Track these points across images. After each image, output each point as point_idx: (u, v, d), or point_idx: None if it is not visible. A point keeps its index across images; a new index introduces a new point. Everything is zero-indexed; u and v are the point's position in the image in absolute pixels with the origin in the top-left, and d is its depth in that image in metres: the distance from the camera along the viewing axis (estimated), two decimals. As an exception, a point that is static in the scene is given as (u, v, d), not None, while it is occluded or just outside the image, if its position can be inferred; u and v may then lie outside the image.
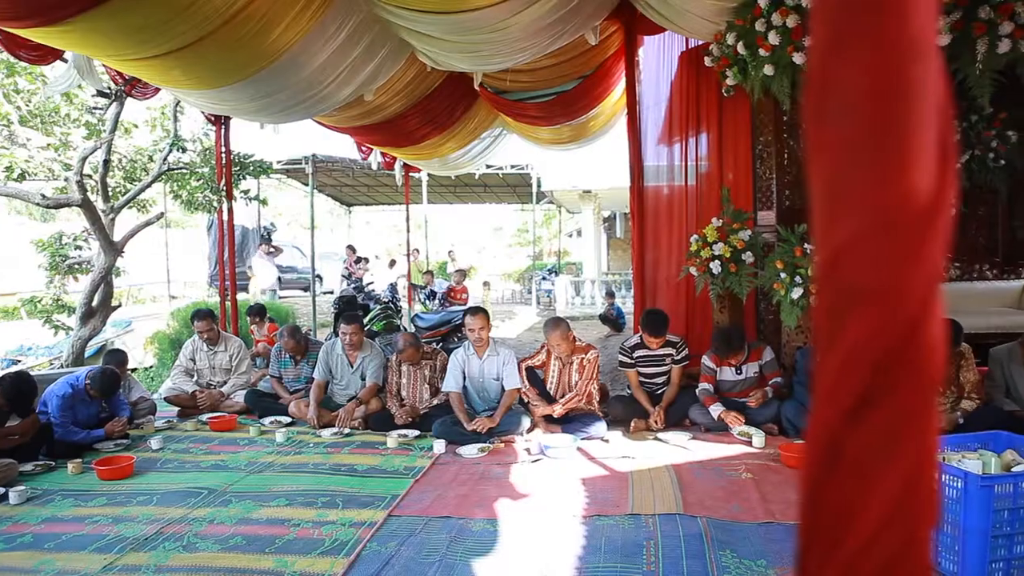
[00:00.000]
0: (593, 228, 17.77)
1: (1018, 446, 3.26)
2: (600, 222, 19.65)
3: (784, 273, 5.14)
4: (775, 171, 5.83)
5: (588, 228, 17.81)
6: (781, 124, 5.86)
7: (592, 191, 16.19)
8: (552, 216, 26.94)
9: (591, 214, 17.33)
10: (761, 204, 5.89)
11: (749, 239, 5.49)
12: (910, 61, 0.42)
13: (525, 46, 5.77)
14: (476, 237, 38.63)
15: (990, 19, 4.78)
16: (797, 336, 5.30)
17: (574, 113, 8.18)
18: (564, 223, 25.99)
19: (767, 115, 5.82)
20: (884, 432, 0.44)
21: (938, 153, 0.43)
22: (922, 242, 0.43)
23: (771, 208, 5.83)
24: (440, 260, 20.97)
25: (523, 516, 3.59)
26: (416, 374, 5.59)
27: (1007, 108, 6.37)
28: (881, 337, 0.43)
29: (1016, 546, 2.77)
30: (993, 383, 4.94)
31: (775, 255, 5.30)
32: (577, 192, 16.33)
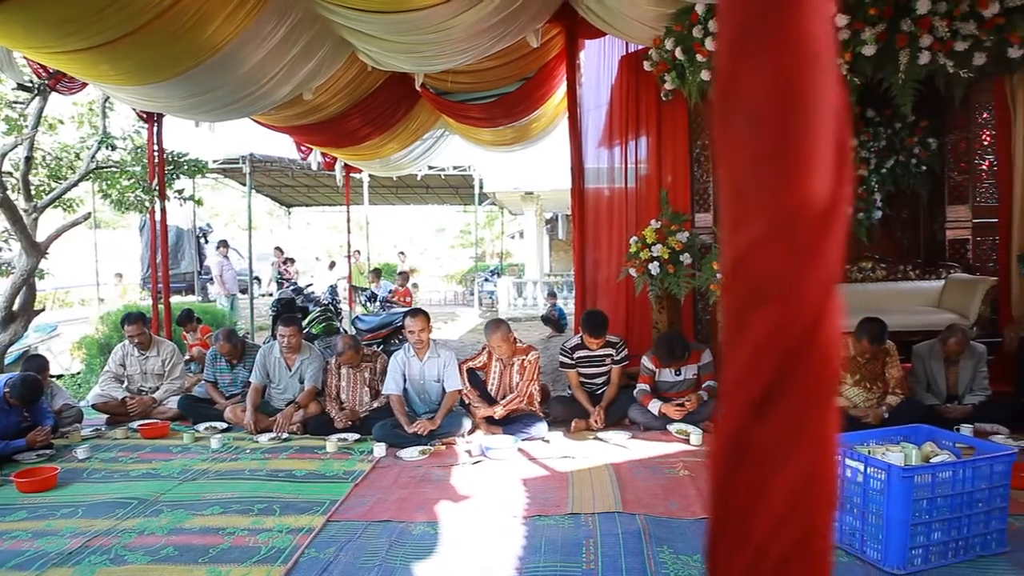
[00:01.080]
0: (535, 230, 17.86)
1: (937, 438, 3.42)
2: (542, 224, 19.76)
3: (721, 274, 5.25)
4: (710, 172, 5.97)
5: (530, 230, 17.89)
6: (718, 129, 5.99)
7: (534, 193, 16.27)
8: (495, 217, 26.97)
9: (533, 216, 17.41)
10: (699, 206, 6.03)
11: (687, 240, 5.61)
12: (808, 67, 0.44)
13: (467, 47, 5.77)
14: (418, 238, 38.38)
15: (911, 31, 4.99)
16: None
17: (516, 115, 8.22)
18: (506, 224, 26.06)
19: (705, 119, 5.96)
20: (785, 426, 0.46)
21: (835, 157, 0.45)
22: (820, 244, 0.45)
23: (708, 210, 5.97)
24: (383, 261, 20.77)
25: (464, 518, 3.59)
26: (356, 377, 5.52)
27: (928, 116, 6.68)
28: (782, 335, 0.45)
29: (933, 533, 2.90)
30: (916, 379, 5.16)
31: (712, 256, 5.43)
32: (519, 194, 16.39)
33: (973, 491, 2.98)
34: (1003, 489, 3.07)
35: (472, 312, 16.98)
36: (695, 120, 6.03)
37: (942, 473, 2.94)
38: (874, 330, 4.70)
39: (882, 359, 4.88)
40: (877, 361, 4.88)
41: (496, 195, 17.17)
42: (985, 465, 3.01)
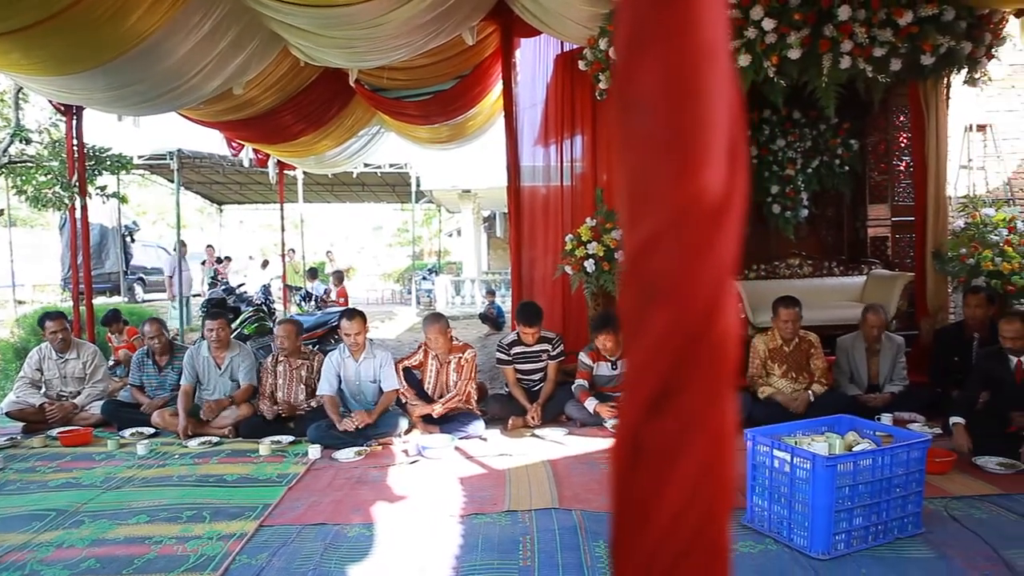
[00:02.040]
0: (473, 228, 17.86)
1: (859, 428, 3.57)
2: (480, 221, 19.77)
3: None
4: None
5: (468, 228, 17.88)
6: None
7: (471, 191, 16.26)
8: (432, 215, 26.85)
9: (471, 214, 17.40)
10: (632, 205, 6.11)
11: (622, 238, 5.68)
12: (702, 63, 0.45)
13: (401, 43, 5.72)
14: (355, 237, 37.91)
15: (834, 37, 5.18)
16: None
17: (452, 112, 8.19)
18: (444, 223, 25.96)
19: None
20: (681, 423, 0.46)
21: (729, 152, 0.46)
22: (713, 239, 0.45)
23: (641, 209, 6.04)
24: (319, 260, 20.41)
25: (400, 518, 3.56)
26: (292, 374, 5.40)
27: (850, 119, 6.94)
28: (676, 332, 0.46)
29: (855, 518, 3.02)
30: (840, 370, 5.37)
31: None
32: (456, 192, 16.35)
33: (891, 477, 3.12)
34: (919, 474, 3.22)
35: (409, 311, 16.85)
36: (629, 120, 6.11)
37: (863, 461, 3.06)
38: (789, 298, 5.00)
39: (806, 350, 5.06)
40: (801, 351, 5.05)
41: (433, 193, 17.08)
42: (902, 452, 3.15)
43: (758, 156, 7.01)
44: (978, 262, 5.61)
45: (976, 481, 3.86)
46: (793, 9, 5.13)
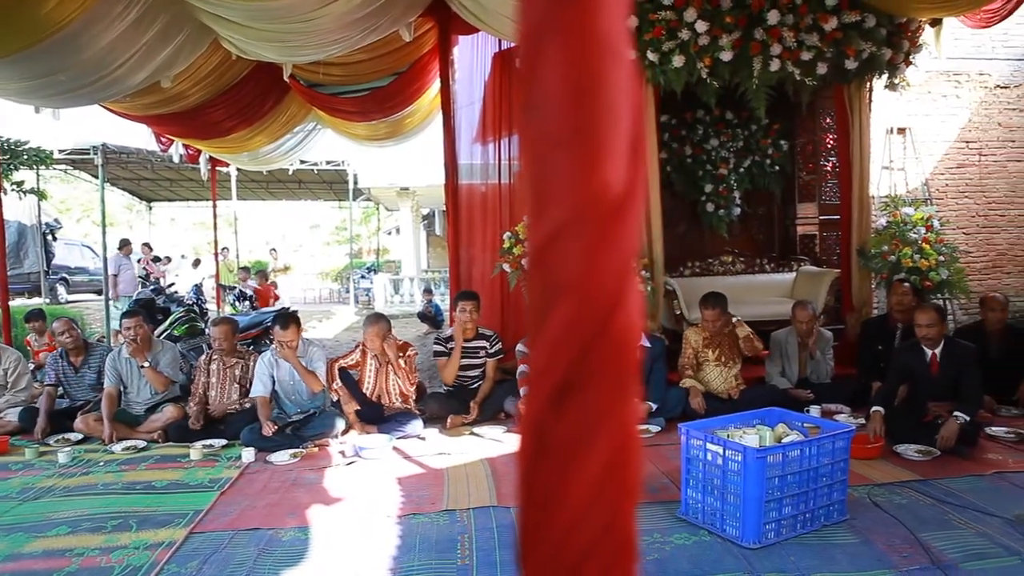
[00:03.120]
0: (412, 226, 17.71)
1: (788, 420, 3.68)
2: (419, 220, 19.63)
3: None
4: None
5: (406, 226, 17.73)
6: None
7: (410, 188, 16.12)
8: (371, 214, 26.51)
9: (410, 212, 17.25)
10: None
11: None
12: (603, 59, 0.45)
13: (336, 38, 5.62)
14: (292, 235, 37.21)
15: (764, 40, 5.33)
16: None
17: (389, 109, 8.09)
18: (383, 221, 25.68)
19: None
20: (582, 419, 0.47)
21: (630, 149, 0.46)
22: (614, 234, 0.46)
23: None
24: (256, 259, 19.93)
25: (336, 520, 3.50)
26: (226, 373, 5.25)
27: (780, 120, 7.15)
28: (577, 327, 0.46)
29: (784, 507, 3.12)
30: (772, 364, 5.53)
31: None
32: (395, 189, 16.19)
33: (818, 467, 3.23)
34: (843, 463, 3.34)
35: (348, 310, 16.63)
36: (566, 118, 6.15)
37: (791, 452, 3.16)
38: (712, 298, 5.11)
39: (732, 332, 5.20)
40: (731, 335, 5.18)
41: (371, 191, 16.87)
42: (828, 442, 3.27)
43: (692, 155, 7.16)
44: (899, 259, 5.85)
45: (897, 468, 4.03)
46: (725, 12, 5.26)
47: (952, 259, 6.04)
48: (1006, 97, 9.04)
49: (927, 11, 5.53)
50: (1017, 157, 9.11)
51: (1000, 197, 9.13)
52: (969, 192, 9.05)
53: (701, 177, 7.16)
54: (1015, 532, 3.13)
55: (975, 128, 8.99)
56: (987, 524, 3.22)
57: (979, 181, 9.05)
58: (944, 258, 5.96)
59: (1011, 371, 5.29)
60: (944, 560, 2.87)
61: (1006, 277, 9.18)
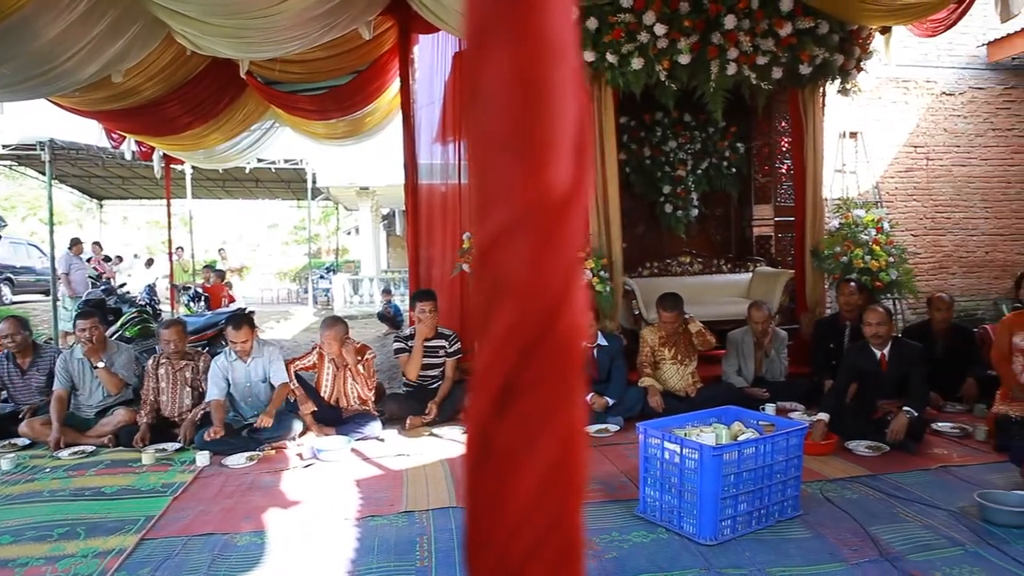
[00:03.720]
0: (371, 225, 17.56)
1: (744, 418, 3.74)
2: (379, 219, 19.48)
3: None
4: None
5: (366, 225, 17.56)
6: (547, 128, 6.17)
7: (370, 188, 15.98)
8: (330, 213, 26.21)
9: (369, 211, 17.10)
10: (530, 204, 6.17)
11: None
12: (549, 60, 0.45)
13: (294, 35, 5.54)
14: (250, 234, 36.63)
15: (721, 44, 5.41)
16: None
17: (348, 108, 8.00)
18: (342, 220, 25.42)
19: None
20: (526, 422, 0.47)
21: (575, 150, 0.46)
22: (560, 235, 0.46)
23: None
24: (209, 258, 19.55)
25: (293, 524, 3.45)
26: (176, 377, 5.12)
27: (736, 123, 7.26)
28: (522, 327, 0.46)
29: (740, 504, 3.17)
30: (728, 363, 5.62)
31: (542, 252, 5.58)
32: (354, 189, 16.03)
33: (772, 464, 3.29)
34: (797, 460, 3.41)
35: (306, 310, 16.42)
36: (527, 119, 6.16)
37: (747, 449, 3.21)
38: (669, 300, 5.18)
39: (686, 329, 5.28)
40: (686, 333, 5.25)
41: (330, 190, 16.69)
42: (782, 439, 3.33)
43: (651, 157, 7.23)
44: (850, 260, 6.00)
45: (848, 464, 4.13)
46: (683, 16, 5.33)
47: (901, 260, 6.21)
48: (951, 104, 9.34)
49: (877, 19, 5.68)
50: (961, 162, 9.42)
51: (946, 200, 9.42)
52: (917, 195, 9.33)
53: (660, 178, 7.24)
54: (958, 524, 3.23)
55: (922, 133, 9.27)
56: (933, 516, 3.32)
57: (926, 185, 9.33)
58: (894, 259, 6.13)
59: (956, 369, 5.47)
60: (892, 552, 2.95)
61: (951, 278, 9.48)
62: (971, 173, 9.46)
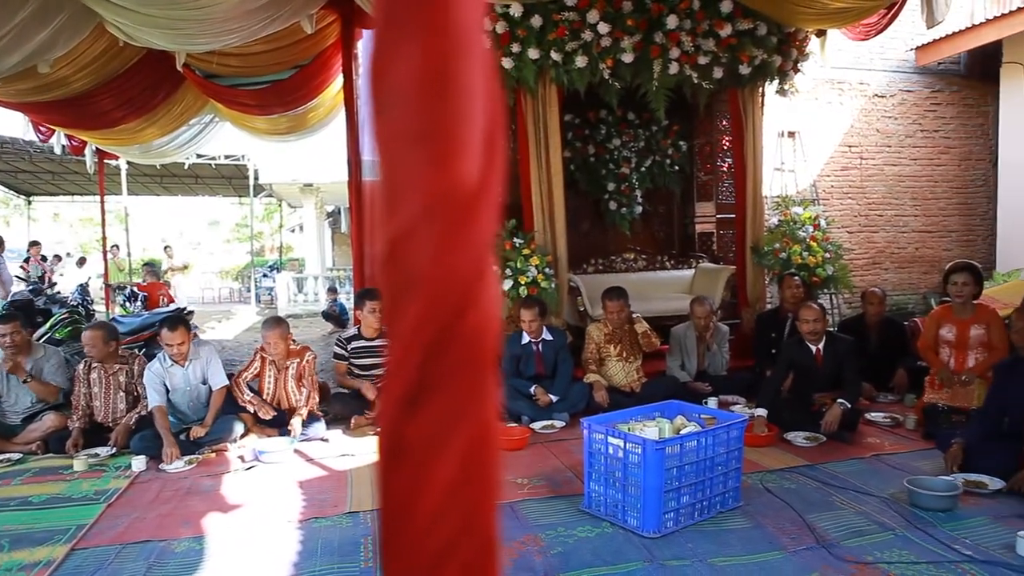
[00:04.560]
0: (316, 223, 17.27)
1: (686, 412, 3.80)
2: (323, 217, 19.18)
3: (495, 266, 5.43)
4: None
5: (310, 223, 17.25)
6: (493, 125, 6.17)
7: (314, 185, 15.71)
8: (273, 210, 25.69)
9: (313, 208, 16.81)
10: (475, 200, 6.16)
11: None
12: (457, 53, 0.44)
13: (234, 27, 5.39)
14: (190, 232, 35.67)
15: (663, 44, 5.49)
16: (508, 325, 5.63)
17: (291, 103, 7.85)
18: (286, 218, 24.96)
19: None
20: (437, 420, 0.46)
21: (485, 144, 0.45)
22: (468, 230, 0.45)
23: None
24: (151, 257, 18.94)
25: (234, 528, 3.37)
26: (109, 381, 4.92)
27: (679, 121, 7.38)
28: (431, 324, 0.45)
29: (682, 497, 3.22)
30: (672, 357, 5.71)
31: (487, 248, 5.58)
32: (298, 186, 15.73)
33: (714, 456, 3.35)
34: (738, 452, 3.48)
35: (249, 309, 16.08)
36: (472, 116, 6.15)
37: (689, 443, 3.26)
38: (614, 291, 5.24)
39: (632, 328, 5.33)
40: (631, 332, 5.31)
41: (273, 187, 16.35)
42: (723, 432, 3.40)
43: (595, 155, 7.29)
44: (789, 256, 6.17)
45: (787, 455, 4.24)
46: (626, 15, 5.38)
47: (837, 256, 6.41)
48: (883, 105, 9.67)
49: (812, 22, 5.84)
50: (893, 162, 9.76)
51: (879, 198, 9.76)
52: (852, 193, 9.64)
53: (604, 176, 7.30)
54: (889, 509, 3.35)
55: (856, 134, 9.57)
56: (865, 503, 3.44)
57: (860, 183, 9.65)
58: (830, 255, 6.32)
59: (888, 360, 5.67)
60: (828, 539, 3.05)
61: (884, 273, 9.83)
62: (901, 172, 9.82)
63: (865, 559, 2.86)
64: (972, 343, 4.69)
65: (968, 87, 9.99)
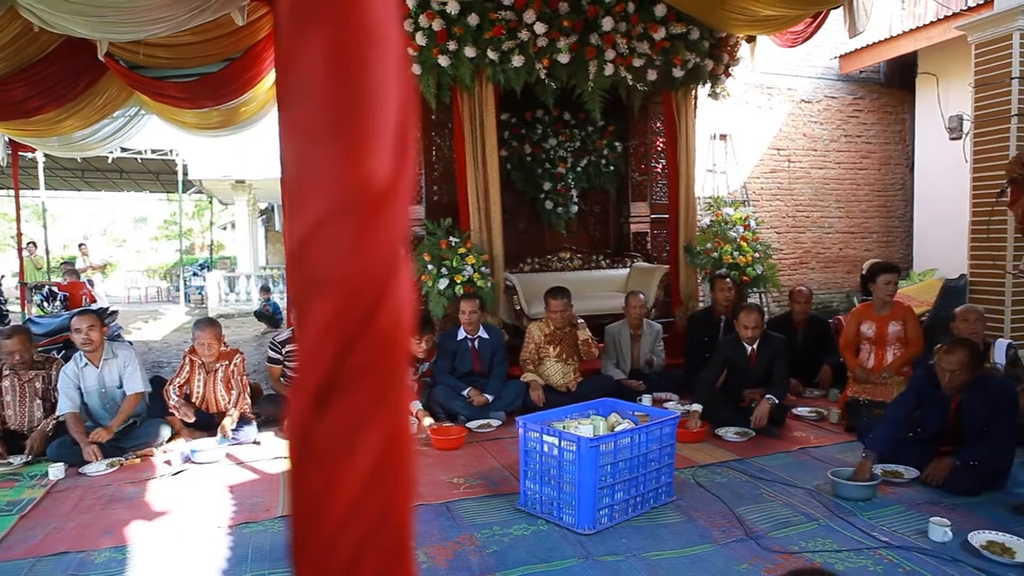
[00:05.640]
0: (248, 220, 16.84)
1: (620, 409, 3.85)
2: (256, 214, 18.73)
3: (431, 265, 5.41)
4: (424, 166, 6.11)
5: (243, 220, 16.81)
6: (429, 121, 6.15)
7: (246, 181, 15.31)
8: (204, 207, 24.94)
9: (246, 206, 16.39)
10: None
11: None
12: (367, 49, 0.43)
13: (158, 17, 5.20)
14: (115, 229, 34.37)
15: (599, 45, 5.55)
16: (445, 324, 5.60)
17: (222, 97, 7.61)
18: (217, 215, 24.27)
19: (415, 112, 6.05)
20: (348, 419, 0.45)
21: (396, 140, 0.45)
22: (379, 226, 0.44)
23: (420, 202, 6.10)
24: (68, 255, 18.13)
25: (160, 536, 3.25)
26: (24, 388, 4.66)
27: (614, 122, 7.47)
28: (341, 321, 0.44)
29: (616, 493, 3.26)
30: (607, 355, 5.78)
31: (423, 247, 5.55)
32: (230, 182, 15.30)
33: (647, 452, 3.41)
34: (670, 448, 3.55)
35: (178, 309, 15.57)
36: (408, 113, 6.10)
37: (622, 440, 3.31)
38: (558, 290, 5.26)
39: (574, 332, 5.38)
40: (572, 335, 5.36)
41: (203, 183, 15.86)
42: (656, 428, 3.46)
43: (532, 154, 7.32)
44: (720, 255, 6.32)
45: (718, 450, 4.35)
46: (563, 16, 5.42)
47: (766, 256, 6.61)
48: (809, 110, 10.02)
49: (743, 28, 6.00)
50: (819, 165, 10.13)
51: (805, 200, 10.11)
52: (780, 195, 9.95)
53: (540, 175, 7.34)
54: (814, 500, 3.48)
55: (784, 137, 9.89)
56: (792, 495, 3.56)
57: (788, 185, 9.98)
58: (759, 255, 6.51)
59: (814, 357, 5.88)
60: (756, 531, 3.14)
61: (811, 272, 10.19)
62: (827, 175, 10.19)
63: (791, 549, 2.96)
64: (891, 339, 4.89)
65: (887, 95, 10.44)
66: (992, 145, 6.22)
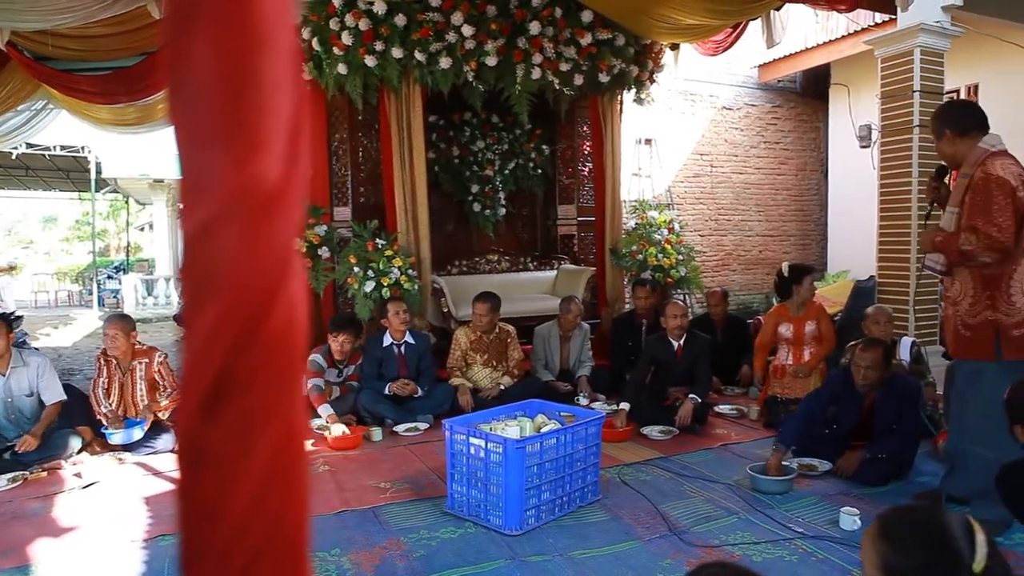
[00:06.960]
0: (167, 221, 16.25)
1: (547, 410, 3.88)
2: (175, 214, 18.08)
3: (358, 267, 5.34)
4: (350, 168, 6.02)
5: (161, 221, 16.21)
6: (356, 122, 6.06)
7: (165, 180, 14.76)
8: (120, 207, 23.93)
9: (164, 206, 15.80)
10: (337, 200, 6.02)
11: (325, 234, 5.59)
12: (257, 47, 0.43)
13: (66, 6, 4.97)
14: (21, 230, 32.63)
15: (526, 49, 5.59)
16: (371, 327, 5.53)
17: (138, 92, 7.30)
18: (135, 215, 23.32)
19: (342, 113, 5.97)
20: (240, 424, 0.44)
21: (288, 140, 0.44)
22: (270, 227, 0.44)
23: (347, 204, 6.01)
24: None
25: (68, 553, 3.09)
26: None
27: (542, 125, 7.53)
28: (230, 324, 0.43)
29: (543, 493, 3.29)
30: (536, 357, 5.82)
31: (349, 249, 5.48)
32: (147, 181, 14.73)
33: (573, 452, 3.44)
34: (596, 448, 3.60)
35: (91, 314, 14.87)
36: (333, 113, 6.01)
37: (548, 440, 3.33)
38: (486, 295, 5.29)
39: (505, 340, 5.40)
40: (501, 341, 5.38)
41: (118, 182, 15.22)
42: (581, 428, 3.50)
43: (459, 156, 7.31)
44: (645, 258, 6.46)
45: (643, 448, 4.43)
46: (490, 19, 5.44)
47: (689, 258, 6.79)
48: (730, 117, 10.36)
49: (666, 36, 6.15)
50: (740, 170, 10.48)
51: (727, 204, 10.44)
52: (703, 199, 10.25)
53: (468, 177, 7.33)
54: (734, 495, 3.59)
55: (707, 143, 10.19)
56: (713, 491, 3.66)
57: (711, 189, 10.28)
58: (683, 257, 6.69)
59: (733, 355, 6.07)
60: (679, 526, 3.21)
61: (732, 274, 10.53)
62: (747, 180, 10.56)
63: (712, 543, 3.04)
64: (807, 338, 5.09)
65: (803, 104, 10.89)
66: (897, 154, 6.56)
